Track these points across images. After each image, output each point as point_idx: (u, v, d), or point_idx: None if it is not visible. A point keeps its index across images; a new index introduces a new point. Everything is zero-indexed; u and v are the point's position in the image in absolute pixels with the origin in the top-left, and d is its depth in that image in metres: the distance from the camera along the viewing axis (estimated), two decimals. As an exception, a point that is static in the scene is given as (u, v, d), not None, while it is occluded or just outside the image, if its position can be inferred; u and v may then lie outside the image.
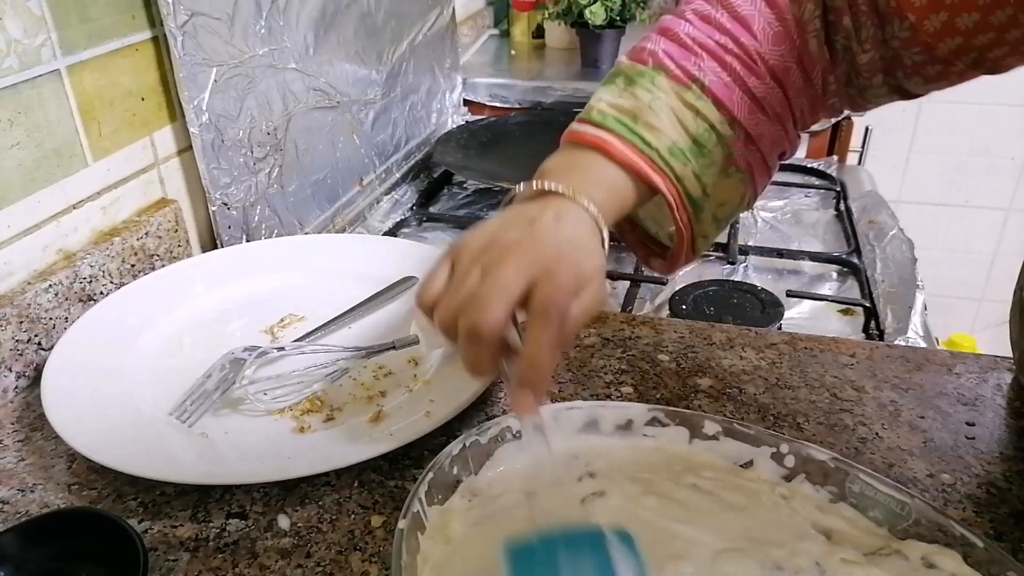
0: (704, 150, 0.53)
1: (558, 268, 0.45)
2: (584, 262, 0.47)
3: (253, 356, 0.61)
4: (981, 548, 0.39)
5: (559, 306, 0.44)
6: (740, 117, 0.53)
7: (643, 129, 0.52)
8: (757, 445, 0.47)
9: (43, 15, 0.63)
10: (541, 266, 0.45)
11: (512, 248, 0.46)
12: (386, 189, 1.17)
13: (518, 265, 0.45)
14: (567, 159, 0.54)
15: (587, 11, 1.48)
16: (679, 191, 0.53)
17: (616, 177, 0.52)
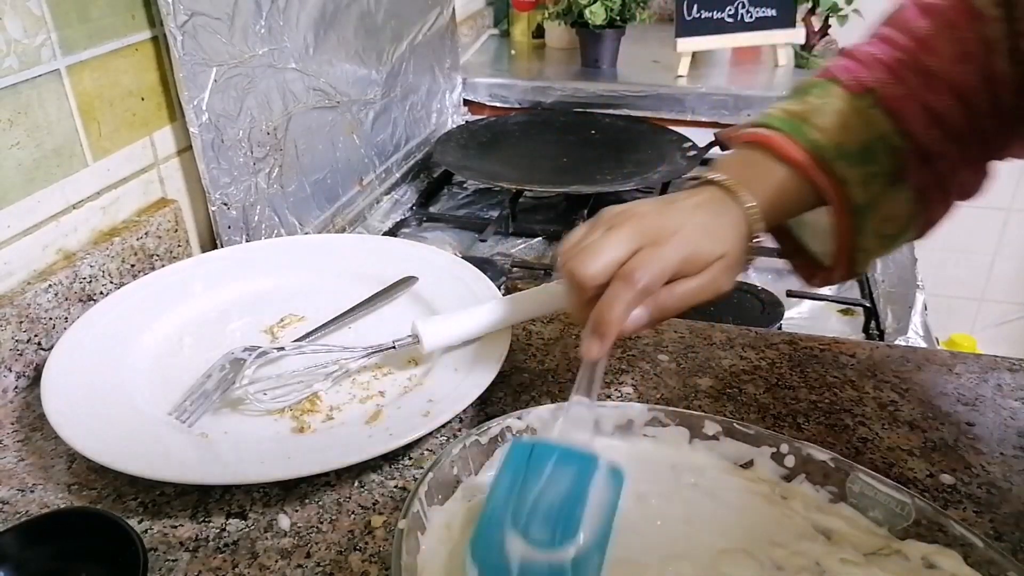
0: (873, 157, 0.52)
1: (668, 242, 0.48)
2: (704, 247, 0.49)
3: (253, 356, 0.61)
4: (981, 548, 0.39)
5: (647, 273, 0.47)
6: (915, 130, 0.52)
7: (810, 129, 0.52)
8: (757, 445, 0.47)
9: (43, 15, 0.63)
10: (651, 236, 0.48)
11: (635, 217, 0.50)
12: (386, 189, 1.17)
13: (632, 231, 0.49)
14: (735, 156, 0.56)
15: (587, 11, 1.48)
16: (842, 194, 0.52)
17: (780, 175, 0.53)
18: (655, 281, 0.48)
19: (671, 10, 1.66)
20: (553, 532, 0.39)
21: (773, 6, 1.49)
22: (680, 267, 0.49)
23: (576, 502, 0.40)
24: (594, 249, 0.48)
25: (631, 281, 0.47)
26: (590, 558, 0.39)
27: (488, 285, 0.71)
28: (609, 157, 1.22)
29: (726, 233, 0.51)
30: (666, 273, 0.48)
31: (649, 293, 0.48)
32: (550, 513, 0.40)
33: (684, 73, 1.50)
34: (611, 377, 0.63)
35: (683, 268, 0.49)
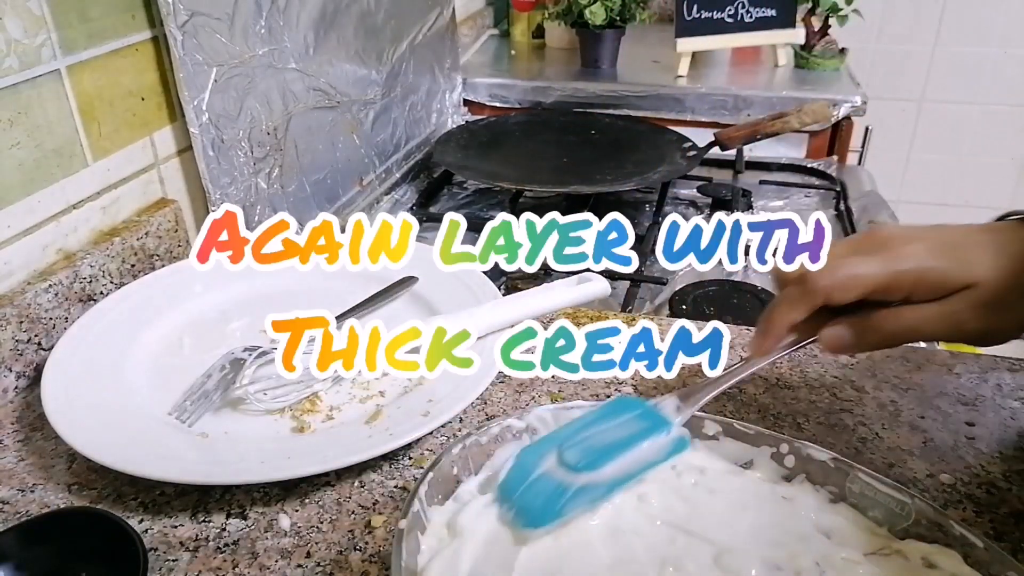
0: None
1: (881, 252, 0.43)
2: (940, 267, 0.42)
3: (253, 356, 0.61)
4: (981, 548, 0.39)
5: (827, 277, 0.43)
6: None
7: None
8: (757, 445, 0.47)
9: (43, 15, 0.63)
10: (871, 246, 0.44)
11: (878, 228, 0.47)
12: (386, 189, 1.17)
13: (857, 239, 0.45)
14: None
15: (587, 11, 1.48)
16: None
17: None
18: (836, 288, 0.43)
19: (671, 10, 1.67)
20: (580, 459, 0.42)
21: (773, 6, 1.49)
22: (892, 283, 0.43)
23: (620, 447, 0.43)
24: (838, 263, 0.45)
25: (804, 280, 0.44)
26: (594, 491, 0.41)
27: (488, 285, 0.71)
28: (609, 157, 1.22)
29: (984, 259, 0.43)
30: (859, 284, 0.43)
31: (828, 298, 0.44)
32: (592, 447, 0.43)
33: (684, 73, 1.50)
34: (611, 377, 0.63)
35: (907, 288, 0.43)
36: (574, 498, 0.41)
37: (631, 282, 0.91)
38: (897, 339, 0.45)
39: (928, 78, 2.09)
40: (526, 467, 0.42)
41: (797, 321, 0.46)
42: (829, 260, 0.44)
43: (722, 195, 1.15)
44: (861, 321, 0.46)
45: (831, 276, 0.44)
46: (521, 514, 0.40)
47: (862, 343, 0.45)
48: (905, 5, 2.03)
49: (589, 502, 0.41)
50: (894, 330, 0.44)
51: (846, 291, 0.44)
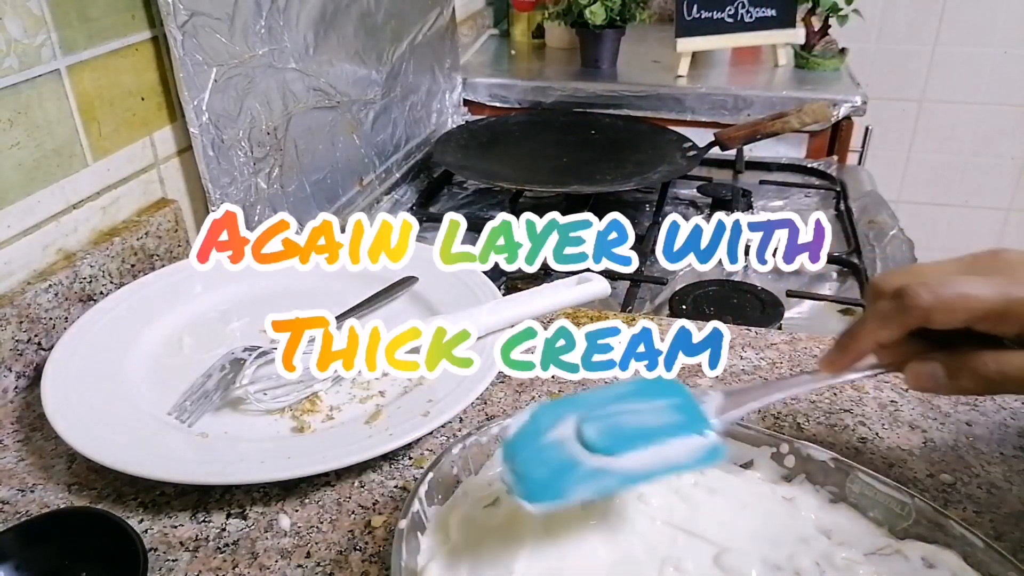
0: None
1: (996, 274, 0.38)
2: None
3: (253, 356, 0.61)
4: (981, 548, 0.39)
5: (929, 292, 0.37)
6: None
7: None
8: (757, 445, 0.47)
9: (43, 15, 0.63)
10: (987, 266, 0.39)
11: (995, 250, 0.40)
12: (386, 189, 1.17)
13: (971, 258, 0.40)
14: None
15: (587, 11, 1.48)
16: None
17: None
18: (940, 307, 0.38)
19: (671, 10, 1.67)
20: (600, 438, 0.38)
21: (773, 6, 1.49)
22: (1006, 312, 0.37)
23: (648, 437, 0.38)
24: (910, 267, 0.42)
25: (902, 294, 0.38)
26: (605, 478, 0.37)
27: (488, 285, 0.71)
28: (609, 157, 1.22)
29: None
30: (968, 306, 0.38)
31: (927, 319, 0.38)
32: (616, 427, 0.38)
33: (684, 73, 1.50)
34: (611, 377, 0.63)
35: (1019, 327, 0.37)
36: (582, 481, 0.37)
37: (631, 282, 0.91)
38: (997, 387, 0.39)
39: (928, 78, 2.09)
40: (539, 428, 0.38)
41: (886, 341, 0.41)
42: (935, 276, 0.39)
43: (722, 195, 1.15)
44: (958, 359, 0.40)
45: (935, 293, 0.38)
46: (521, 481, 0.37)
47: (955, 385, 0.40)
48: (905, 5, 2.03)
49: (596, 491, 0.37)
50: (996, 375, 0.38)
51: (951, 312, 0.38)
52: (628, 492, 0.45)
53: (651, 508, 0.45)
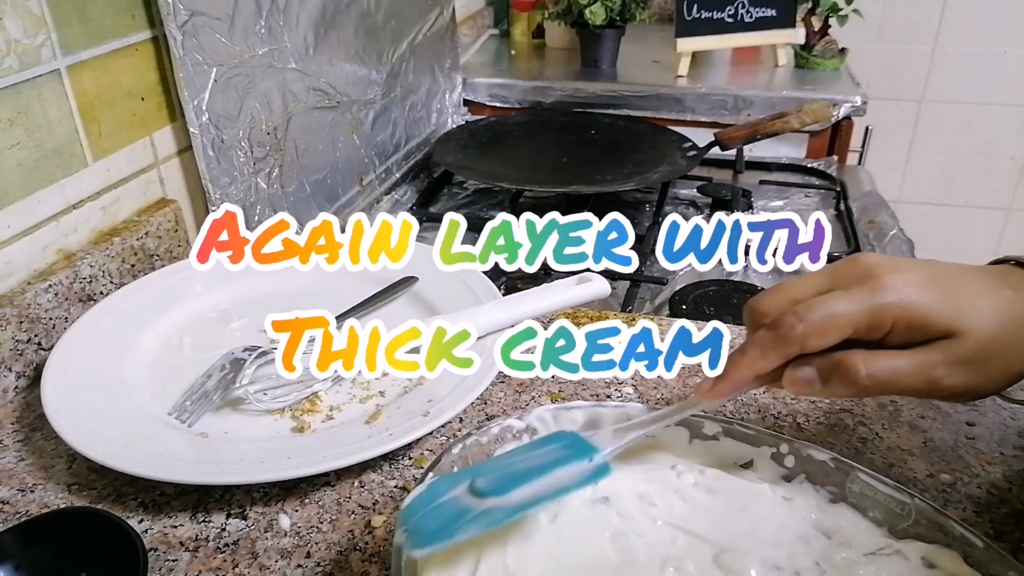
0: None
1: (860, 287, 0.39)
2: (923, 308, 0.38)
3: (253, 356, 0.61)
4: (981, 548, 0.39)
5: (801, 321, 0.38)
6: None
7: None
8: (757, 445, 0.47)
9: (43, 15, 0.63)
10: (849, 279, 0.40)
11: (856, 258, 0.41)
12: (386, 189, 1.17)
13: (831, 270, 0.41)
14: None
15: (587, 11, 1.48)
16: None
17: None
18: (813, 332, 0.38)
19: (671, 10, 1.67)
20: (489, 485, 0.40)
21: (773, 6, 1.49)
22: (872, 320, 0.38)
23: (535, 473, 0.41)
24: (781, 286, 0.42)
25: (777, 325, 0.39)
26: (496, 514, 0.38)
27: (488, 285, 0.71)
28: (609, 157, 1.22)
29: (974, 304, 0.38)
30: (837, 325, 0.38)
31: (803, 346, 0.39)
32: (506, 474, 0.41)
33: (684, 73, 1.50)
34: (611, 377, 0.63)
35: (887, 324, 0.38)
36: (472, 522, 0.38)
37: (631, 282, 0.91)
38: (868, 391, 0.39)
39: (928, 78, 2.09)
40: (435, 494, 0.40)
41: (765, 371, 0.42)
42: (803, 299, 0.40)
43: (722, 195, 1.15)
44: (830, 363, 0.40)
45: (806, 321, 0.38)
46: (412, 535, 0.37)
47: (829, 390, 0.40)
48: (905, 5, 2.03)
49: (487, 524, 0.38)
50: (866, 380, 0.39)
51: (823, 337, 0.39)
52: (627, 493, 0.45)
53: (651, 508, 0.45)
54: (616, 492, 0.46)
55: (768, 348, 0.40)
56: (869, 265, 0.40)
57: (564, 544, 0.42)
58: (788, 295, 0.41)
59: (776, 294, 0.42)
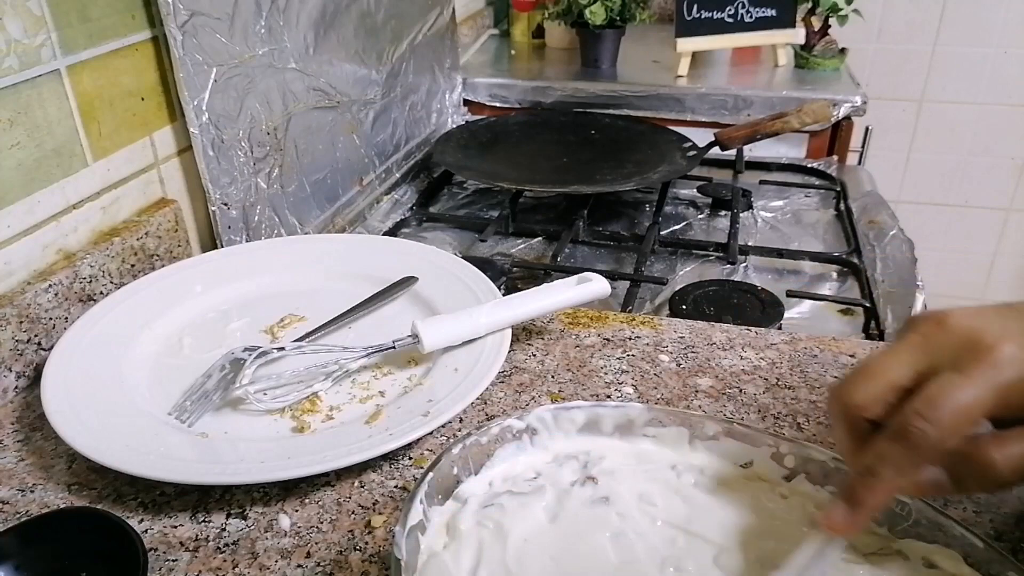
0: None
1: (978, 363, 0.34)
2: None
3: (253, 356, 0.61)
4: (981, 548, 0.39)
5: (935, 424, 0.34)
6: None
7: None
8: (757, 445, 0.47)
9: (43, 15, 0.63)
10: (952, 351, 0.35)
11: (937, 320, 0.37)
12: (386, 189, 1.17)
13: (922, 341, 0.36)
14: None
15: (587, 11, 1.48)
16: None
17: None
18: (951, 432, 0.34)
19: (671, 10, 1.67)
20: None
21: (773, 6, 1.49)
22: (1000, 406, 0.34)
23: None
24: (869, 367, 0.37)
25: (904, 435, 0.34)
26: None
27: (488, 285, 0.71)
28: (609, 157, 1.22)
29: None
30: (972, 420, 0.34)
31: (941, 450, 0.34)
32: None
33: (684, 73, 1.50)
34: (611, 377, 0.63)
35: (1017, 404, 0.34)
36: None
37: (631, 282, 0.91)
38: (1008, 483, 0.35)
39: (928, 78, 2.09)
40: None
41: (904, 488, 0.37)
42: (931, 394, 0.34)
43: (722, 195, 1.15)
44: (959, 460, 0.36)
45: (938, 423, 0.34)
46: None
47: (962, 489, 0.36)
48: (905, 5, 2.03)
49: None
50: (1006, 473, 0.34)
51: (958, 436, 0.34)
52: (627, 493, 0.45)
53: (652, 508, 0.45)
54: (616, 492, 0.46)
55: (904, 465, 0.35)
56: (968, 331, 0.36)
57: (564, 544, 0.42)
58: (885, 381, 0.36)
59: (869, 381, 0.37)
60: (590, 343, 0.67)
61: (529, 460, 0.47)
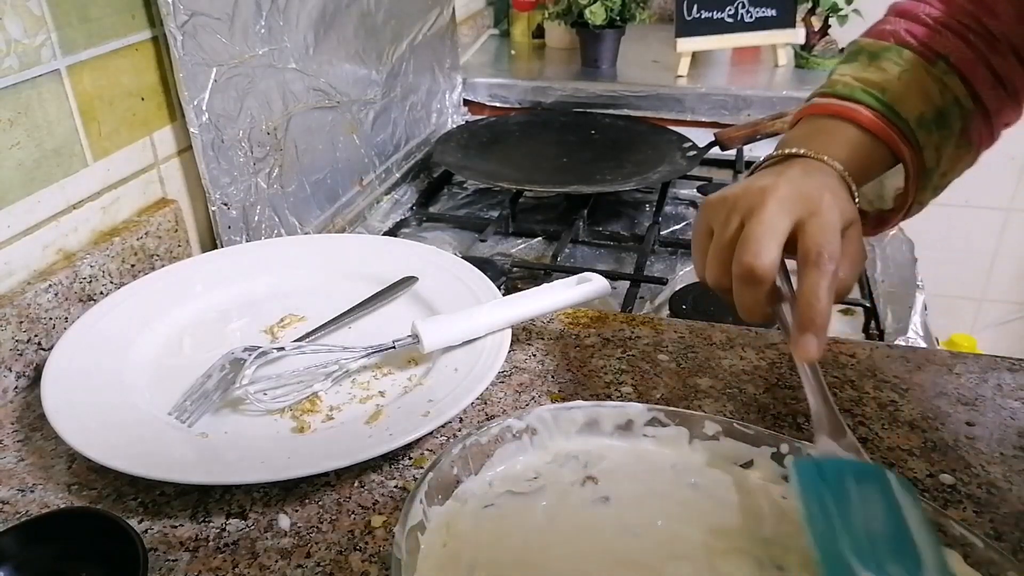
0: (947, 122, 0.55)
1: (821, 205, 0.46)
2: (845, 203, 0.47)
3: (253, 356, 0.61)
4: (981, 548, 0.39)
5: (831, 245, 0.44)
6: (982, 92, 0.55)
7: (893, 100, 0.53)
8: (757, 445, 0.47)
9: (43, 15, 0.63)
10: (804, 204, 0.46)
11: (769, 190, 0.47)
12: (386, 189, 1.17)
13: (780, 204, 0.46)
14: (810, 127, 0.55)
15: (587, 11, 1.48)
16: (919, 163, 0.55)
17: (863, 142, 0.53)
18: (837, 252, 0.45)
19: (671, 10, 1.66)
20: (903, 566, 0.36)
21: (773, 6, 1.49)
22: (841, 228, 0.46)
23: (904, 528, 0.38)
24: (754, 236, 0.45)
25: (823, 263, 0.44)
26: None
27: (488, 285, 0.71)
28: (609, 157, 1.22)
29: (845, 191, 0.49)
30: (838, 240, 0.45)
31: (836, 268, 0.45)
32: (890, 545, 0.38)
33: (684, 73, 1.50)
34: (611, 377, 0.63)
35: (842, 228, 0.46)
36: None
37: (631, 282, 0.91)
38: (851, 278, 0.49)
39: (928, 78, 2.09)
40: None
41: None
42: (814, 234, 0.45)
43: (722, 195, 1.15)
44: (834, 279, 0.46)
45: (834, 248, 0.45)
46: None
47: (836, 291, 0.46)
48: (905, 5, 2.03)
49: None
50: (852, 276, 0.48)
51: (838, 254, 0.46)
52: (626, 493, 0.45)
53: (651, 508, 0.45)
54: (616, 492, 0.46)
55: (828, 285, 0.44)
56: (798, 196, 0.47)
57: (564, 545, 0.42)
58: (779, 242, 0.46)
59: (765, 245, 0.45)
60: (590, 343, 0.67)
61: (529, 460, 0.48)
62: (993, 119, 0.57)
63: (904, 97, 0.53)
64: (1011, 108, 0.58)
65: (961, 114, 0.55)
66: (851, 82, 0.54)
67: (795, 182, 0.48)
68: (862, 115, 0.53)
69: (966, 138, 0.57)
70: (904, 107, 0.53)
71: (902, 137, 0.53)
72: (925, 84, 0.54)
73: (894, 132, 0.53)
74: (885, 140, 0.53)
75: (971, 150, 0.58)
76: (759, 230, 0.45)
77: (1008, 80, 0.56)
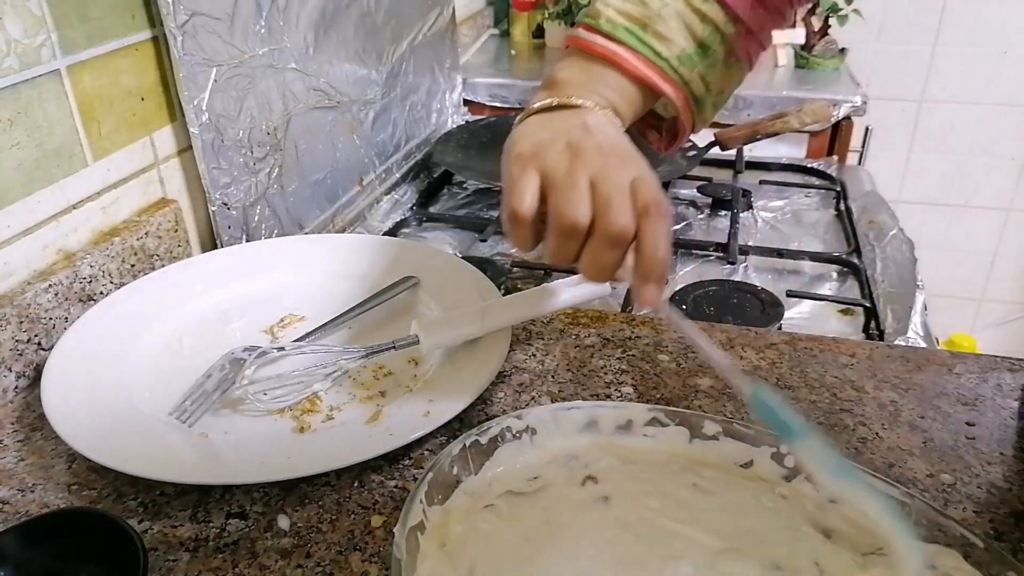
0: (709, 51, 0.58)
1: (643, 166, 0.49)
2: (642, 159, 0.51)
3: (253, 356, 0.61)
4: (981, 548, 0.39)
5: (662, 200, 0.47)
6: (743, 14, 0.57)
7: (653, 39, 0.56)
8: (757, 445, 0.47)
9: (43, 15, 0.63)
10: (636, 167, 0.49)
11: (608, 153, 0.49)
12: (386, 189, 1.17)
13: (622, 168, 0.48)
14: (580, 71, 0.57)
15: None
16: (686, 94, 0.59)
17: (629, 88, 0.57)
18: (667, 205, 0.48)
19: None
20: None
21: (773, 6, 1.49)
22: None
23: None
24: (617, 201, 0.47)
25: (662, 213, 0.46)
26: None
27: (488, 285, 0.71)
28: (609, 157, 1.21)
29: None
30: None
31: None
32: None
33: (684, 73, 1.50)
34: (611, 377, 0.63)
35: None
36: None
37: (631, 282, 0.90)
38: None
39: (928, 78, 2.09)
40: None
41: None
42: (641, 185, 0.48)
43: (722, 195, 1.15)
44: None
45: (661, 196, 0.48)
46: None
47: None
48: (905, 5, 2.03)
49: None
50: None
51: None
52: (626, 493, 0.45)
53: (651, 508, 0.45)
54: (616, 492, 0.46)
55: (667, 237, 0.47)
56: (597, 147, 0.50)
57: (563, 544, 0.42)
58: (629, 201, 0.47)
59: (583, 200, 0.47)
60: (590, 343, 0.67)
61: (529, 460, 0.48)
62: (759, 35, 0.60)
63: (664, 35, 0.56)
64: (774, 20, 0.61)
65: (723, 40, 0.58)
66: (614, 16, 0.56)
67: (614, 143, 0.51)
68: (626, 61, 0.55)
69: (733, 57, 0.60)
70: (665, 46, 0.56)
71: (665, 77, 0.57)
72: (686, 17, 0.56)
73: (657, 75, 0.56)
74: (649, 85, 0.56)
75: (742, 66, 0.62)
76: (618, 196, 0.47)
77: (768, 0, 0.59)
